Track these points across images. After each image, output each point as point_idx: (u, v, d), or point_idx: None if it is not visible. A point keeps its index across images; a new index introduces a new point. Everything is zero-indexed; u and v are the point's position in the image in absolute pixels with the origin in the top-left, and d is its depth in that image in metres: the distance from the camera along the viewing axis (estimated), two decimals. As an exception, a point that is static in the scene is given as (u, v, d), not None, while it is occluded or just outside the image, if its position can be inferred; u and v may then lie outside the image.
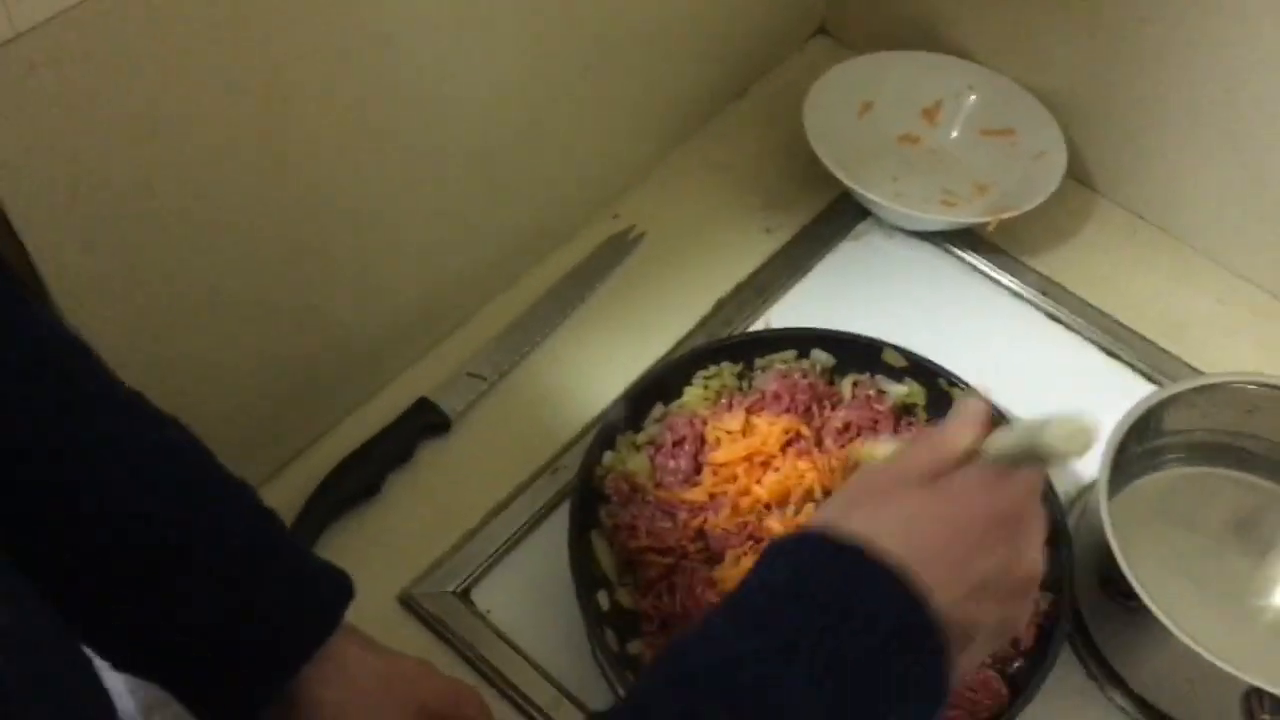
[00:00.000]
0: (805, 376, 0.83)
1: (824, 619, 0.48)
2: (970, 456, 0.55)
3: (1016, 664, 0.72)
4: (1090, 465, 0.82)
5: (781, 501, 0.77)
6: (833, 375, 0.85)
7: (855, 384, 0.84)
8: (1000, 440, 0.55)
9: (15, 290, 0.56)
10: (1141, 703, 0.74)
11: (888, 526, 0.51)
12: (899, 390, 0.84)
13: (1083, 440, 0.51)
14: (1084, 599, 0.75)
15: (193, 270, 0.68)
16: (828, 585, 0.49)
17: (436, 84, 0.76)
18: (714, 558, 0.75)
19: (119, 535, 0.54)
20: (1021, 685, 0.70)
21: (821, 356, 0.85)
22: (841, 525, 0.51)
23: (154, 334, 0.68)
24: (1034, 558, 0.54)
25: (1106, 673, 0.76)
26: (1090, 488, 0.83)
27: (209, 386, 0.74)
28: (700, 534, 0.76)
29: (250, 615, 0.56)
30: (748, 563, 0.74)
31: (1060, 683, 0.73)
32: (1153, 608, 0.68)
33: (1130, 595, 0.69)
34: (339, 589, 0.60)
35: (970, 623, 0.51)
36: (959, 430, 0.56)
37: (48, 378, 0.53)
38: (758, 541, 0.75)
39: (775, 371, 0.84)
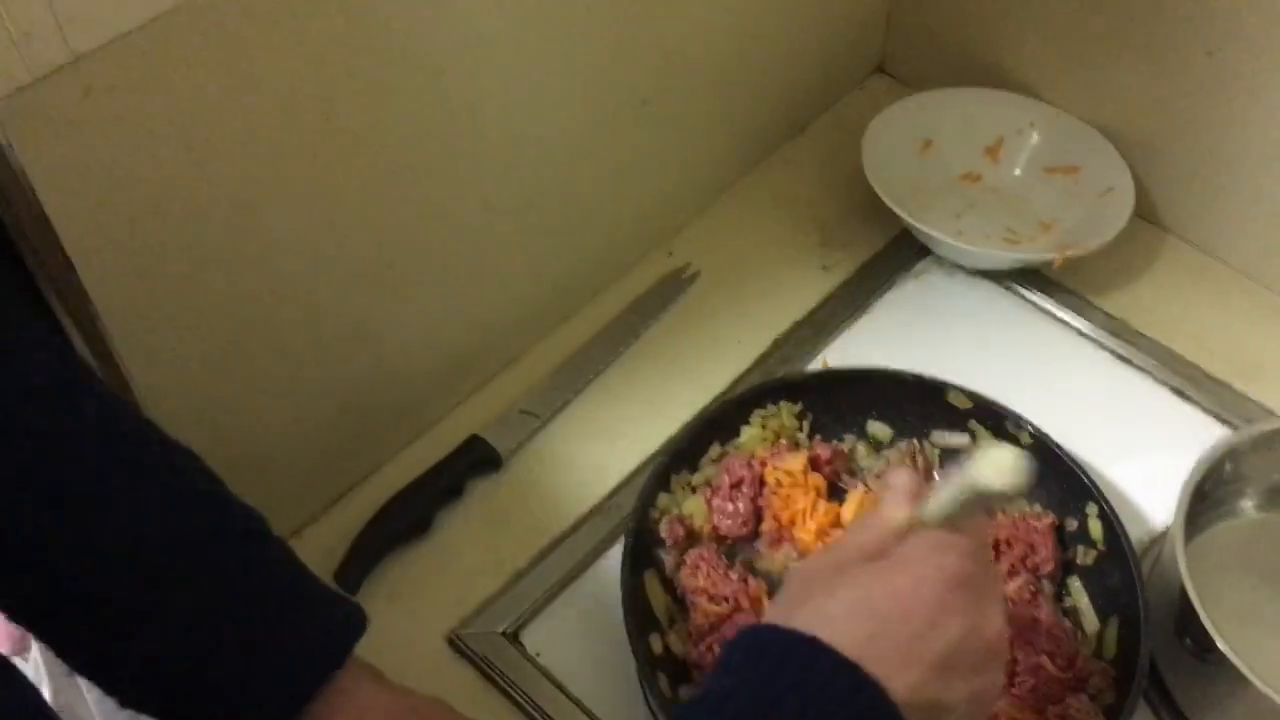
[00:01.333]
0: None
1: None
2: (911, 529, 0.54)
3: (1091, 720, 0.69)
4: (1164, 513, 0.80)
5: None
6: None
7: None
8: (936, 500, 0.54)
9: (25, 314, 0.56)
10: (1222, 760, 0.71)
11: (836, 614, 0.49)
12: (959, 440, 0.81)
13: (1014, 470, 0.50)
14: (1160, 651, 0.72)
15: (245, 302, 0.68)
16: (780, 687, 0.47)
17: (488, 117, 0.75)
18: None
19: (120, 567, 0.52)
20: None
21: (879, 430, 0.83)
22: (788, 622, 0.49)
23: (203, 366, 0.68)
24: (997, 622, 0.52)
25: (1185, 728, 0.72)
26: (1164, 536, 0.80)
27: (259, 421, 0.74)
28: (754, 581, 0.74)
29: (255, 648, 0.54)
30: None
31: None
32: (1232, 658, 0.65)
33: (1208, 646, 0.66)
34: (350, 621, 0.58)
35: (937, 703, 0.49)
36: (892, 504, 0.55)
37: (52, 407, 0.52)
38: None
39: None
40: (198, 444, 0.59)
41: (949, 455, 0.82)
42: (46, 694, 0.76)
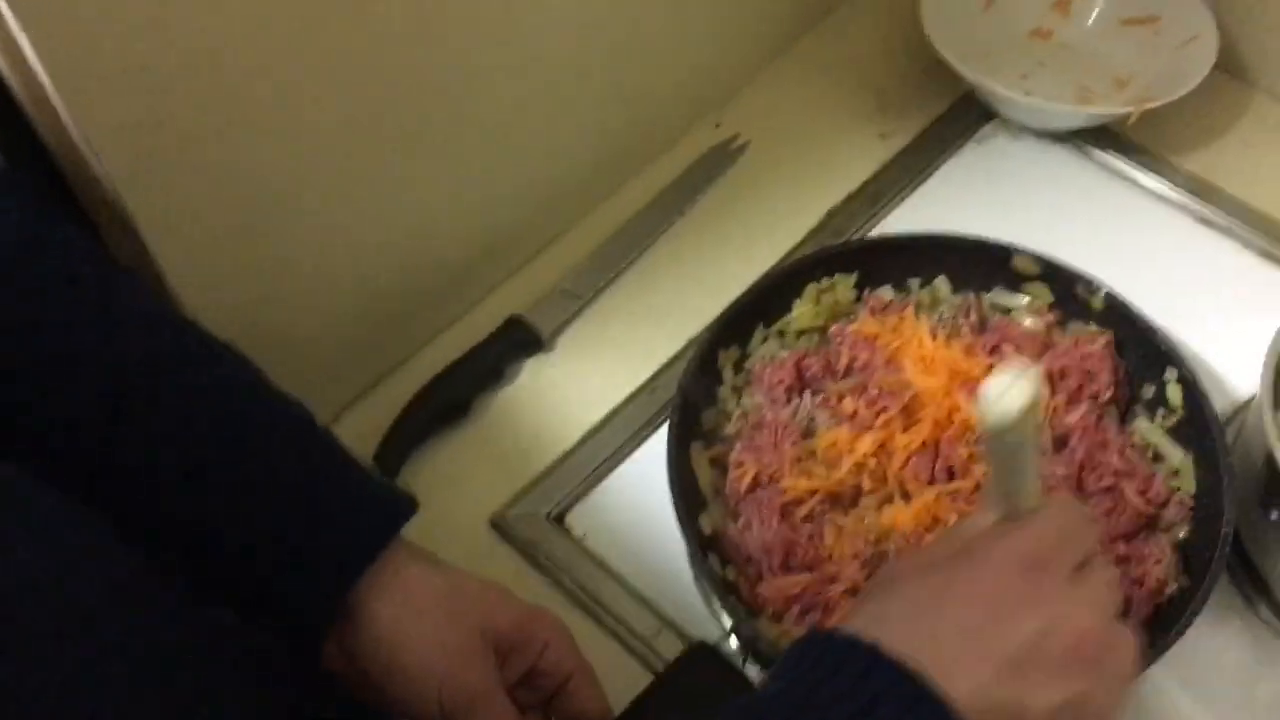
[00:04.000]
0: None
1: None
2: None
3: (1170, 590, 0.65)
4: (1249, 381, 0.75)
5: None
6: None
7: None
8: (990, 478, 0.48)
9: (55, 213, 0.54)
10: (1312, 636, 0.67)
11: (893, 614, 0.45)
12: (1017, 302, 0.76)
13: (1017, 393, 0.42)
14: (1243, 523, 0.67)
15: (263, 169, 0.64)
16: (834, 695, 0.42)
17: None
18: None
19: (169, 452, 0.52)
20: (1176, 612, 0.62)
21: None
22: (850, 621, 0.46)
23: (227, 240, 0.65)
24: (1087, 616, 0.45)
25: (1267, 597, 0.68)
26: (1248, 404, 0.74)
27: (289, 304, 0.71)
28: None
29: (304, 526, 0.54)
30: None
31: (1218, 615, 0.66)
32: (1328, 528, 0.60)
33: (1300, 514, 0.61)
34: (398, 504, 0.57)
35: (1015, 704, 0.43)
36: (985, 511, 0.49)
37: (88, 298, 0.52)
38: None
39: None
40: (225, 327, 0.57)
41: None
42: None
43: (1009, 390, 0.42)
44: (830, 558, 0.67)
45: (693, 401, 0.72)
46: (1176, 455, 0.70)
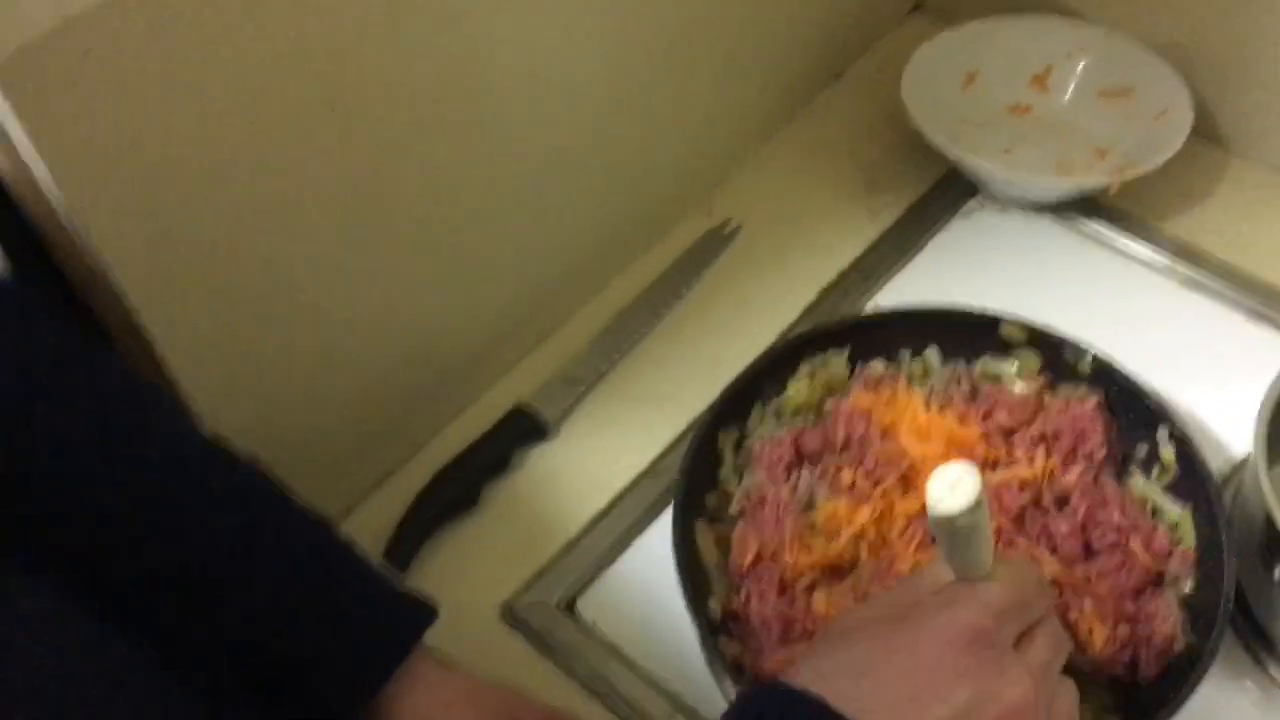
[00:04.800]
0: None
1: None
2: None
3: (1178, 647, 0.66)
4: (1244, 438, 0.76)
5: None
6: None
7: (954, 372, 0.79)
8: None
9: (76, 331, 0.55)
10: (1321, 693, 0.67)
11: (831, 670, 0.46)
12: (1007, 370, 0.78)
13: (966, 486, 0.44)
14: (1247, 583, 0.68)
15: (270, 271, 0.66)
16: None
17: (511, 70, 0.73)
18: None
19: (184, 571, 0.53)
20: (1185, 670, 0.63)
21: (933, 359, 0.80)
22: (791, 678, 0.46)
23: (229, 339, 0.66)
24: (1018, 689, 0.46)
25: (1274, 655, 0.68)
26: (1244, 463, 0.75)
27: (293, 401, 0.72)
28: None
29: (330, 635, 0.55)
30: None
31: (1226, 675, 0.67)
32: (1328, 584, 0.61)
33: (1300, 572, 0.62)
34: (421, 610, 0.59)
35: None
36: (940, 566, 0.50)
37: (115, 424, 0.53)
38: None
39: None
40: (236, 431, 0.59)
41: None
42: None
43: (957, 484, 0.45)
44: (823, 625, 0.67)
45: (695, 483, 0.73)
46: (1175, 510, 0.71)
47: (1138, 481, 0.73)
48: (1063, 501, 0.71)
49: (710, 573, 0.71)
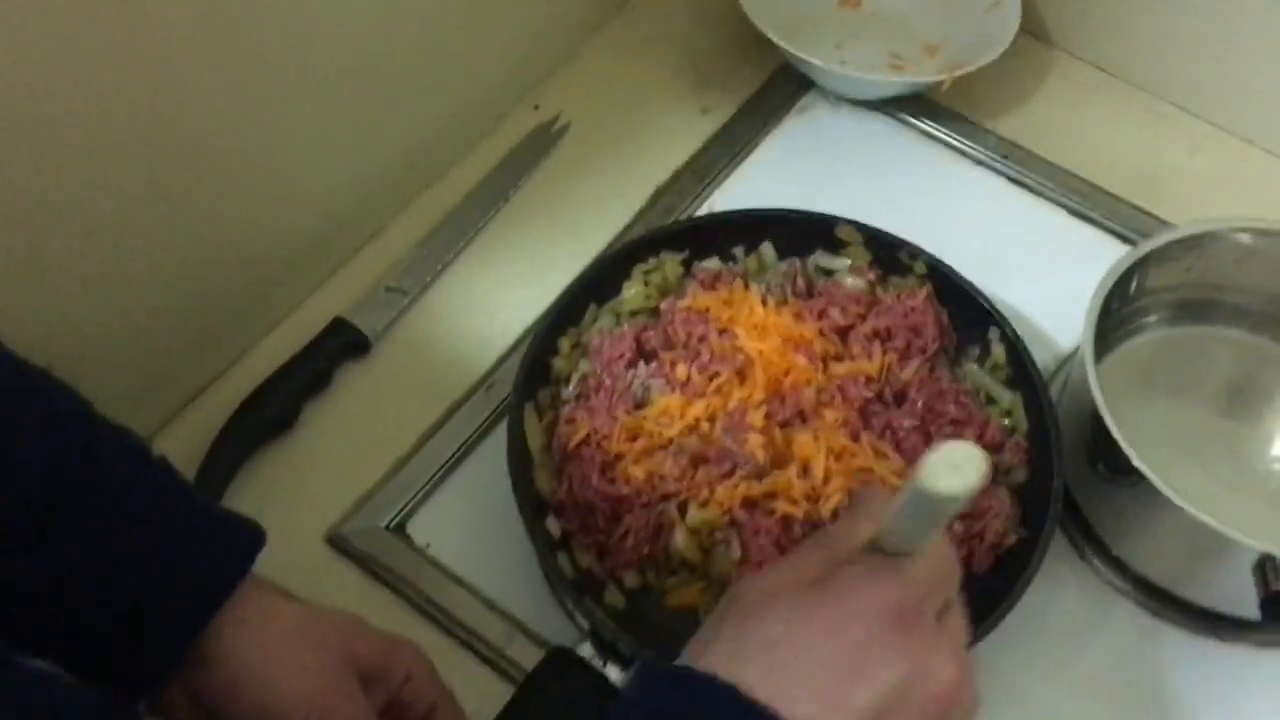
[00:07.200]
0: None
1: None
2: (863, 553, 0.46)
3: (1009, 541, 0.67)
4: (1071, 333, 0.77)
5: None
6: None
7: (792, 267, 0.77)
8: (888, 509, 0.44)
9: None
10: (1142, 582, 0.69)
11: (751, 651, 0.42)
12: (841, 263, 0.77)
13: (969, 470, 0.40)
14: (1073, 477, 0.69)
15: (61, 185, 0.59)
16: None
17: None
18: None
19: None
20: (1013, 573, 0.64)
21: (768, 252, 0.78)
22: (703, 657, 0.43)
23: (25, 265, 0.60)
24: (947, 670, 0.43)
25: (1103, 554, 0.70)
26: (1072, 357, 0.77)
27: (88, 321, 0.66)
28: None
29: (152, 568, 0.51)
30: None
31: (1053, 568, 0.67)
32: (1153, 479, 0.62)
33: (1126, 469, 0.63)
34: (247, 536, 0.54)
35: None
36: (854, 524, 0.46)
37: None
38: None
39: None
40: (17, 343, 0.52)
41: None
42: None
43: (962, 466, 0.40)
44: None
45: (531, 378, 0.71)
46: (1006, 396, 0.72)
47: (971, 369, 0.74)
48: (900, 396, 0.71)
49: (535, 458, 0.70)
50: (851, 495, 0.66)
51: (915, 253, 0.75)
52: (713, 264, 0.78)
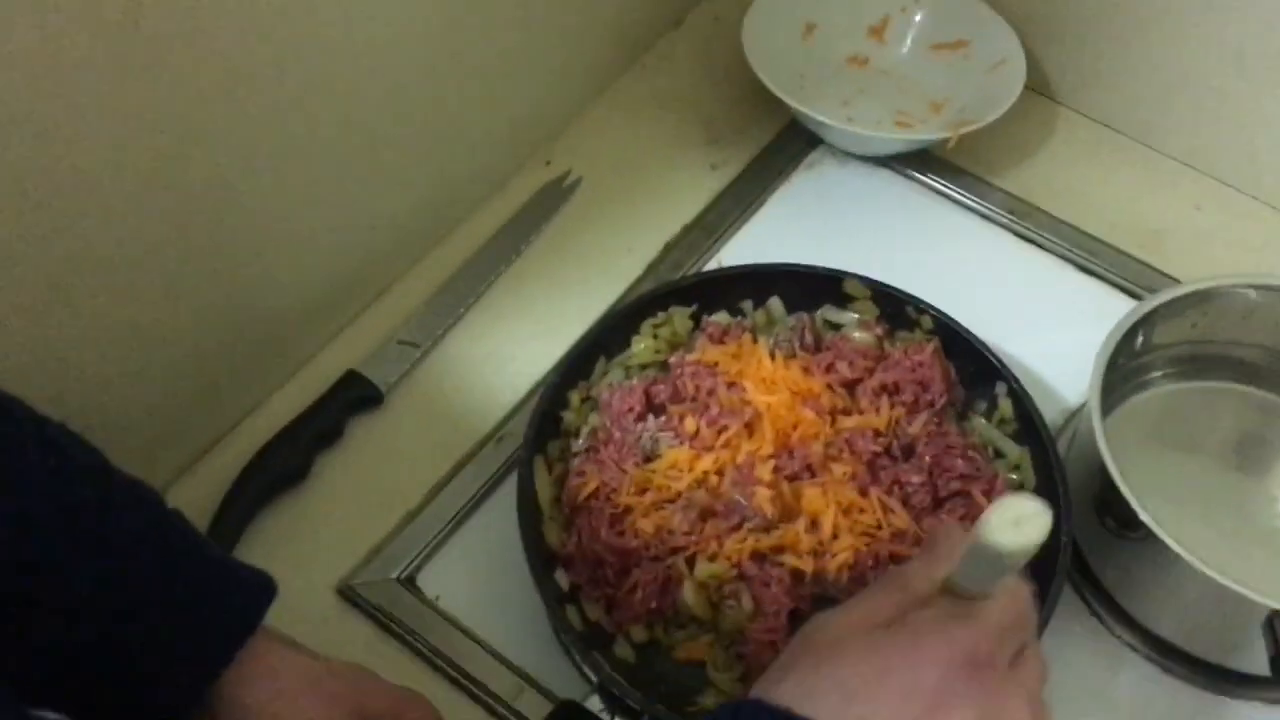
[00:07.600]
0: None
1: None
2: (937, 595, 0.46)
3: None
4: (1078, 388, 0.77)
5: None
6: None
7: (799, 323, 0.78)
8: (961, 550, 0.44)
9: None
10: (1151, 638, 0.69)
11: (821, 688, 0.43)
12: (848, 316, 0.78)
13: (1032, 527, 0.40)
14: (1081, 531, 0.69)
15: (62, 239, 0.60)
16: None
17: (334, 18, 0.68)
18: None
19: (6, 550, 0.47)
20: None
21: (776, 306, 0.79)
22: (773, 692, 0.43)
23: (26, 319, 0.60)
24: (1019, 717, 0.43)
25: (1111, 609, 0.70)
26: (1079, 412, 0.77)
27: (106, 373, 0.67)
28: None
29: (164, 621, 0.51)
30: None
31: (1062, 624, 0.67)
32: (1161, 534, 0.62)
33: (1134, 523, 0.63)
34: (258, 588, 0.55)
35: None
36: (928, 564, 0.46)
37: None
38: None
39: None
40: (37, 397, 0.53)
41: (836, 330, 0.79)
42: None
43: (1027, 521, 0.40)
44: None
45: (542, 431, 0.71)
46: (1014, 451, 0.73)
47: (979, 423, 0.75)
48: (908, 451, 0.72)
49: (545, 510, 0.70)
50: (859, 556, 0.66)
51: (923, 307, 0.76)
52: (721, 318, 0.78)
